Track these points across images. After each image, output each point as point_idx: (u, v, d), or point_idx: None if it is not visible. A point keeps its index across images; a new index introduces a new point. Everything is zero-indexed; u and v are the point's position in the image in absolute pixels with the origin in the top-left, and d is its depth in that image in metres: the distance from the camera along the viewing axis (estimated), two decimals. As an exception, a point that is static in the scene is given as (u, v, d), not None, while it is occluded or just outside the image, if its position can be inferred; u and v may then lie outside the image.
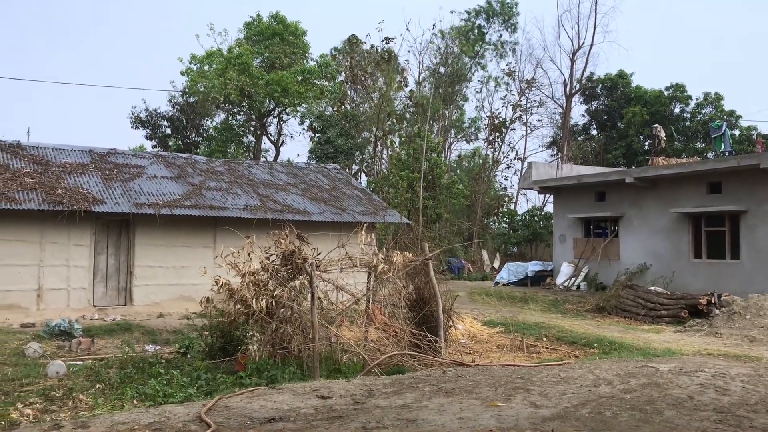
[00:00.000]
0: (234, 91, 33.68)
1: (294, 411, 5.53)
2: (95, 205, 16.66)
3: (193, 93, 36.69)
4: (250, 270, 10.33)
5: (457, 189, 35.78)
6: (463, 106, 46.96)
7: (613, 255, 23.49)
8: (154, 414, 5.31)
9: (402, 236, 14.56)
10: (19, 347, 11.80)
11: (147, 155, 22.24)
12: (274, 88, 34.53)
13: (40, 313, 15.85)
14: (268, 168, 23.93)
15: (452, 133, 46.86)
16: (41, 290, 16.34)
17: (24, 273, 16.16)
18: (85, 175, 18.38)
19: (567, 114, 44.96)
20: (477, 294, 22.79)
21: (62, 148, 19.83)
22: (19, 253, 16.13)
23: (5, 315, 15.16)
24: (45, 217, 16.31)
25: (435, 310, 11.03)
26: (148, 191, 18.34)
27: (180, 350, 11.15)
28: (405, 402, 5.96)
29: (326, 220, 19.56)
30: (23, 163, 18.00)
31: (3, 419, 7.41)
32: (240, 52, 35.29)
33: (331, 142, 34.91)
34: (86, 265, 17.02)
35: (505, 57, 46.75)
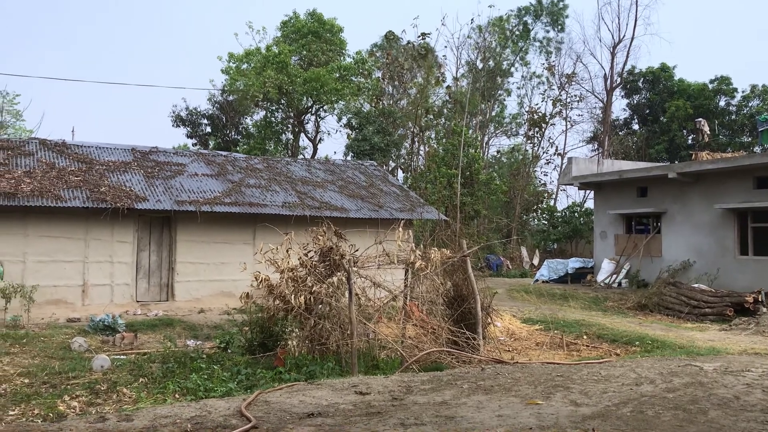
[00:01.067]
0: (272, 89, 33.97)
1: (333, 406, 5.55)
2: (138, 202, 16.98)
3: (232, 91, 37.11)
4: (288, 266, 10.41)
5: (496, 185, 35.53)
6: (504, 101, 46.63)
7: (655, 252, 23.05)
8: (196, 408, 5.38)
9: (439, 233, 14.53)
10: (66, 341, 12.10)
11: (188, 153, 22.58)
12: (312, 85, 34.72)
13: (85, 308, 16.23)
14: (306, 165, 24.08)
15: (491, 129, 46.52)
16: (86, 286, 16.73)
17: (70, 269, 16.58)
18: (128, 173, 18.75)
19: (608, 108, 44.25)
20: (516, 291, 22.60)
21: (106, 147, 20.25)
22: (65, 250, 16.54)
23: (52, 310, 15.55)
24: (89, 215, 16.68)
25: (473, 307, 10.97)
26: (189, 189, 18.63)
27: (220, 345, 11.31)
28: (443, 399, 5.94)
29: (363, 217, 19.60)
30: (68, 162, 18.44)
31: (51, 411, 7.61)
32: (278, 50, 35.59)
33: (367, 139, 34.98)
34: (129, 261, 17.37)
35: (550, 55, 46.24)
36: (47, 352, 11.26)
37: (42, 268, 16.20)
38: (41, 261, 16.24)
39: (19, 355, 10.95)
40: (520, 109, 46.92)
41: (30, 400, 8.08)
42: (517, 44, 44.66)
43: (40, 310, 15.02)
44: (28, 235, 16.16)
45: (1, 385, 8.82)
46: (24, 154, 18.14)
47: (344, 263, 9.93)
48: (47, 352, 11.26)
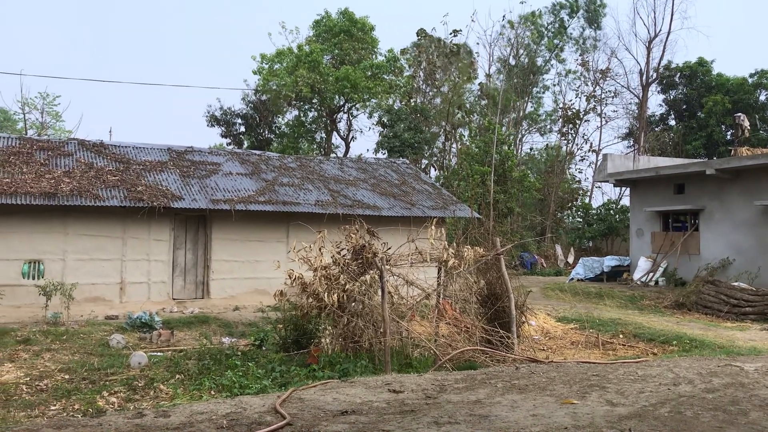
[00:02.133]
0: (305, 88, 34.16)
1: (366, 404, 5.56)
2: (174, 201, 17.23)
3: (265, 91, 37.41)
4: (321, 264, 10.46)
5: (529, 182, 35.22)
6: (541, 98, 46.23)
7: (693, 249, 22.63)
8: (231, 405, 5.44)
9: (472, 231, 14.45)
10: (104, 338, 12.34)
11: (222, 152, 22.84)
12: (344, 84, 34.83)
13: (123, 305, 16.52)
14: (338, 163, 24.17)
15: (524, 126, 46.14)
16: (124, 283, 17.04)
17: (108, 267, 16.89)
18: (164, 172, 19.03)
19: (643, 104, 43.53)
20: (550, 289, 22.39)
21: (142, 147, 20.58)
22: (103, 248, 16.87)
23: (91, 307, 15.88)
24: (127, 214, 16.98)
25: (507, 306, 10.90)
26: (224, 188, 18.84)
27: (255, 343, 11.42)
28: (477, 398, 5.90)
29: (396, 215, 19.61)
30: (106, 162, 18.78)
31: (90, 406, 7.77)
32: (311, 49, 35.77)
33: (398, 136, 34.95)
34: (166, 259, 17.64)
35: (586, 52, 45.66)
36: (86, 348, 11.49)
37: (81, 266, 16.54)
38: (80, 259, 16.58)
39: (59, 351, 11.20)
40: (555, 106, 46.44)
41: (70, 396, 8.26)
42: (553, 41, 44.19)
43: (79, 307, 15.33)
44: (67, 234, 16.51)
45: (43, 381, 9.03)
46: (63, 155, 18.53)
47: (377, 261, 9.94)
48: (86, 348, 11.49)
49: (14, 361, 10.27)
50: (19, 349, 11.21)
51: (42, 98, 39.53)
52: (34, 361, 10.37)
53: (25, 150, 18.13)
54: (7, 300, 14.58)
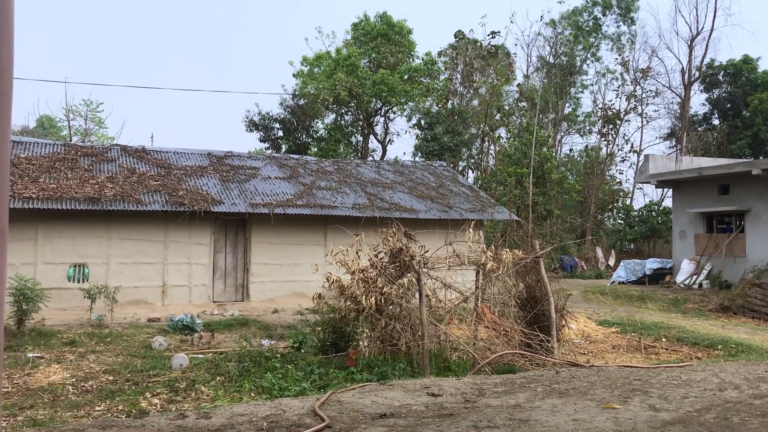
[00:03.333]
0: (343, 92, 34.33)
1: (405, 408, 5.55)
2: (214, 205, 17.47)
3: (303, 95, 37.71)
4: (359, 267, 10.49)
5: (569, 184, 34.80)
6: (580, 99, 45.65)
7: (738, 251, 22.07)
8: (271, 407, 5.48)
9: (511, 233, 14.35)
10: (147, 340, 12.56)
11: (261, 157, 23.09)
12: (381, 87, 34.92)
13: (165, 308, 16.80)
14: (375, 167, 24.22)
15: (563, 127, 45.61)
16: (165, 287, 17.33)
17: (150, 270, 17.20)
18: (204, 177, 19.31)
19: (686, 103, 42.65)
20: (591, 293, 22.08)
21: (183, 152, 20.92)
22: (145, 252, 17.18)
23: (134, 310, 16.18)
24: (168, 218, 17.27)
25: (547, 309, 10.78)
26: (262, 191, 19.04)
27: (294, 345, 11.49)
28: (517, 402, 5.85)
29: (433, 218, 19.56)
30: (148, 167, 19.14)
31: (134, 407, 7.91)
32: (349, 53, 35.96)
33: (437, 138, 34.87)
34: (206, 262, 17.89)
35: (622, 49, 44.94)
36: (130, 350, 11.71)
37: (124, 270, 16.87)
38: (123, 263, 16.92)
39: (104, 353, 11.43)
40: (594, 107, 45.79)
41: (114, 397, 8.43)
42: (588, 39, 43.62)
43: (122, 310, 15.64)
44: (111, 238, 16.86)
45: (88, 382, 9.23)
46: (107, 160, 18.94)
47: (414, 264, 9.92)
48: (130, 350, 11.71)
49: (61, 363, 10.52)
50: (65, 351, 11.48)
51: (86, 105, 40.53)
52: (79, 362, 10.61)
53: (70, 156, 18.58)
54: (54, 303, 14.95)
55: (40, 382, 9.18)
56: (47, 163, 17.72)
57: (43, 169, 17.26)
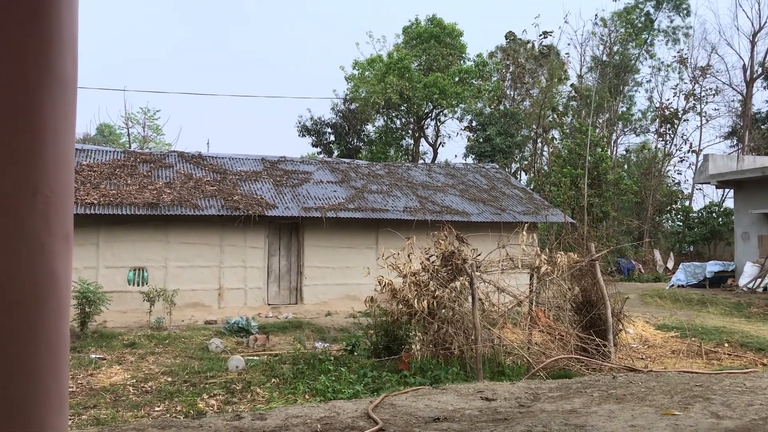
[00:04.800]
0: (394, 95, 34.43)
1: (458, 412, 5.52)
2: (268, 209, 17.73)
3: (354, 99, 37.97)
4: (410, 270, 10.48)
5: (625, 185, 34.05)
6: (633, 97, 44.63)
7: (806, 254, 21.21)
8: (325, 409, 5.51)
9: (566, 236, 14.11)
10: (204, 342, 12.81)
11: (313, 161, 23.32)
12: (433, 90, 34.87)
13: (221, 310, 17.11)
14: (426, 169, 24.18)
15: (619, 126, 44.67)
16: (221, 289, 17.65)
17: (207, 274, 17.55)
18: (259, 181, 19.62)
19: (748, 101, 41.22)
20: (649, 296, 21.54)
21: (238, 157, 21.30)
22: (202, 255, 17.54)
23: (191, 312, 16.53)
24: (224, 222, 17.60)
25: (603, 313, 10.56)
26: (315, 196, 19.23)
27: (347, 348, 11.55)
28: (572, 407, 5.74)
29: (485, 221, 19.39)
30: (204, 173, 19.55)
31: (192, 408, 8.08)
32: (401, 56, 36.07)
33: (490, 140, 34.61)
34: (261, 266, 18.16)
35: (677, 43, 43.75)
36: (187, 352, 11.97)
37: (182, 273, 17.26)
38: (181, 266, 17.30)
39: (162, 354, 11.71)
40: (650, 105, 44.70)
41: (173, 398, 8.62)
42: (641, 37, 42.61)
43: (180, 312, 16.00)
44: (169, 242, 17.27)
45: (148, 383, 9.47)
46: (164, 166, 19.43)
47: (467, 268, 9.86)
48: (187, 352, 11.97)
49: (122, 364, 10.83)
50: (125, 352, 11.81)
51: (143, 113, 41.72)
52: (139, 363, 10.89)
53: (129, 163, 19.12)
54: (115, 305, 15.39)
55: (102, 382, 9.46)
56: (108, 169, 18.28)
57: (104, 176, 17.80)
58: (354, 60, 38.36)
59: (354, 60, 38.36)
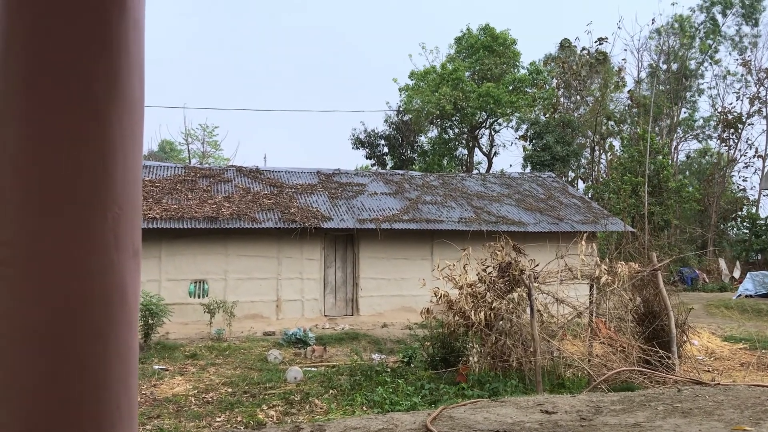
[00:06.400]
0: (448, 105, 34.39)
1: (518, 425, 5.44)
2: (323, 222, 17.91)
3: (408, 111, 38.08)
4: (467, 282, 10.41)
5: (687, 192, 33.10)
6: (696, 102, 43.38)
7: None
8: (383, 421, 5.51)
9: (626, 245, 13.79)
10: (262, 353, 12.98)
11: (367, 174, 23.46)
12: (487, 99, 34.70)
13: (279, 322, 17.33)
14: (481, 180, 24.03)
15: (679, 132, 43.47)
16: (279, 301, 17.88)
17: (265, 285, 17.82)
18: (314, 194, 19.84)
19: (817, 103, 39.56)
20: (714, 307, 20.82)
21: (293, 171, 21.61)
22: (260, 268, 17.82)
23: (250, 324, 16.79)
24: (281, 235, 17.85)
25: (666, 324, 10.27)
26: (369, 207, 19.33)
27: (404, 360, 11.53)
28: (636, 421, 5.59)
29: (543, 231, 19.13)
30: (261, 186, 19.90)
31: (252, 419, 8.19)
32: (455, 67, 36.06)
33: (548, 148, 34.17)
34: (317, 277, 18.33)
35: (744, 51, 42.31)
36: (247, 363, 12.15)
37: (240, 285, 17.56)
38: (240, 278, 17.61)
39: (223, 365, 11.92)
40: (713, 110, 43.34)
41: (233, 408, 8.76)
42: (705, 42, 41.44)
43: (239, 323, 16.27)
44: (228, 255, 17.61)
45: (209, 394, 9.65)
46: (223, 181, 19.85)
47: (524, 278, 9.74)
48: (247, 363, 12.15)
49: (183, 375, 11.06)
50: (187, 363, 12.06)
51: (202, 129, 42.76)
52: (200, 374, 11.11)
53: (190, 178, 19.61)
54: (176, 317, 15.75)
55: (165, 393, 9.69)
56: (169, 185, 18.78)
57: (166, 191, 18.30)
58: (410, 72, 38.54)
59: (410, 72, 38.54)
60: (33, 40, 1.76)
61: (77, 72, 1.78)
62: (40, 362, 1.71)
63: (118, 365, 1.81)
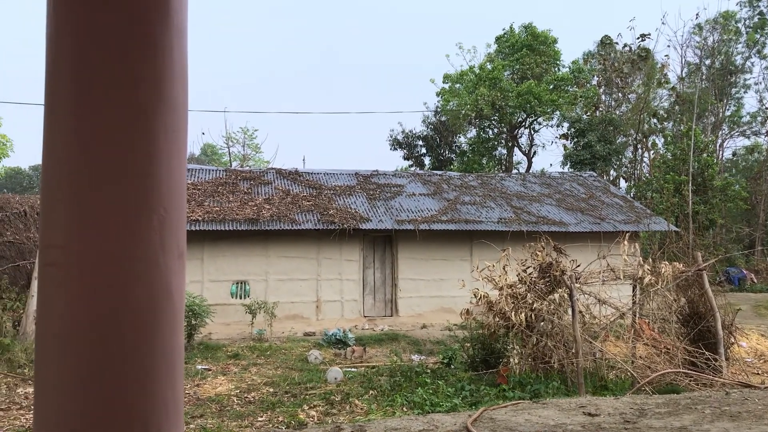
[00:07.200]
0: (486, 106, 34.18)
1: (560, 427, 5.38)
2: (362, 223, 17.97)
3: (445, 112, 37.97)
4: (507, 283, 10.33)
5: (733, 191, 32.30)
6: (741, 98, 42.28)
7: None
8: (423, 422, 5.51)
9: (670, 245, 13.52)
10: (303, 354, 13.09)
11: (405, 174, 23.46)
12: (527, 98, 34.40)
13: (319, 322, 17.44)
14: (520, 179, 23.82)
15: (725, 129, 42.44)
16: (319, 302, 18.00)
17: (305, 286, 17.95)
18: (352, 195, 19.92)
19: None
20: (764, 307, 20.28)
21: (332, 173, 21.73)
22: (300, 269, 17.96)
23: (291, 324, 16.94)
24: (320, 236, 17.97)
25: (712, 325, 10.04)
26: (407, 208, 19.32)
27: (444, 361, 11.50)
28: (682, 424, 5.48)
29: (584, 231, 18.88)
30: (301, 188, 20.06)
31: (293, 419, 8.26)
32: (493, 67, 35.85)
33: (590, 147, 33.71)
34: (356, 278, 18.39)
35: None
36: (288, 363, 12.26)
37: (281, 286, 17.72)
38: (280, 279, 17.78)
39: (264, 365, 12.05)
40: (760, 106, 42.19)
41: (275, 408, 8.84)
42: (753, 35, 40.36)
43: (280, 324, 16.43)
44: (269, 256, 17.79)
45: (251, 393, 9.76)
46: (263, 183, 20.08)
47: (565, 279, 9.63)
48: (288, 363, 12.26)
49: (226, 375, 11.22)
50: (229, 363, 12.23)
51: (243, 132, 43.30)
52: (242, 374, 11.25)
53: (231, 180, 19.88)
54: (219, 317, 15.97)
55: (208, 392, 9.83)
56: (211, 187, 19.06)
57: (208, 194, 18.58)
58: (444, 74, 38.40)
59: (444, 74, 38.40)
60: (79, 47, 1.81)
61: (123, 77, 1.82)
62: (89, 362, 1.75)
63: (165, 365, 1.85)
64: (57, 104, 1.82)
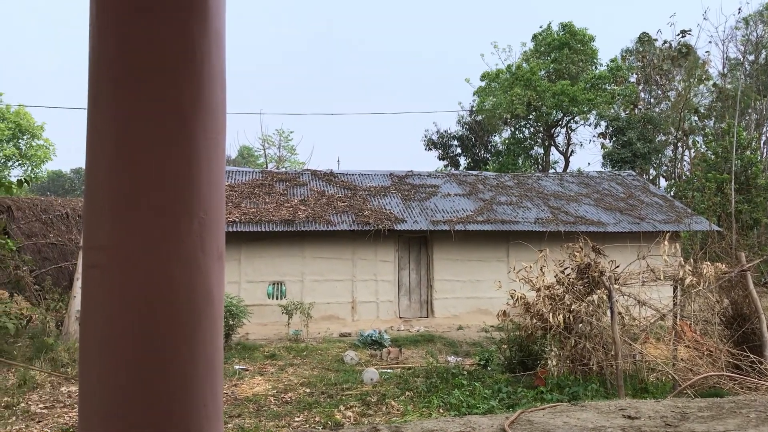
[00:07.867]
0: (520, 106, 33.90)
1: (599, 430, 5.30)
2: (397, 224, 17.97)
3: (480, 112, 37.76)
4: (544, 284, 10.23)
5: (778, 190, 31.41)
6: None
7: None
8: (460, 424, 5.48)
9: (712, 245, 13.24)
10: (339, 354, 13.14)
11: (440, 175, 23.39)
12: (562, 98, 34.03)
13: (355, 323, 17.49)
14: (557, 179, 23.56)
15: (768, 127, 41.38)
16: (354, 303, 18.05)
17: (340, 287, 18.03)
18: (387, 196, 19.94)
19: None
20: (810, 309, 19.71)
21: (367, 173, 21.78)
22: (335, 270, 18.04)
23: (327, 325, 17.02)
24: (355, 237, 18.02)
25: (757, 328, 9.79)
26: (442, 209, 19.26)
27: (480, 362, 11.44)
28: (726, 428, 5.35)
29: (623, 231, 18.61)
30: (335, 189, 20.15)
31: (329, 419, 8.30)
32: (529, 67, 35.55)
33: (630, 145, 33.17)
34: (391, 279, 18.40)
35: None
36: (324, 363, 12.32)
37: (317, 287, 17.83)
38: (316, 280, 17.88)
39: (301, 366, 12.13)
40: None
41: (311, 409, 8.89)
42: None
43: (316, 325, 16.52)
44: (305, 257, 17.91)
45: (288, 394, 9.84)
46: (299, 184, 20.22)
47: (604, 280, 9.49)
48: (324, 363, 12.32)
49: (263, 375, 11.32)
50: (266, 364, 12.33)
51: (278, 134, 43.70)
52: (279, 374, 11.34)
53: (267, 182, 20.07)
54: (256, 318, 16.13)
55: (245, 392, 9.93)
56: (247, 189, 19.27)
57: (244, 195, 18.79)
58: (482, 73, 38.20)
59: (482, 73, 38.20)
60: (121, 53, 1.84)
61: (163, 81, 1.85)
62: (130, 362, 1.78)
63: (205, 365, 1.86)
64: (99, 109, 1.86)
